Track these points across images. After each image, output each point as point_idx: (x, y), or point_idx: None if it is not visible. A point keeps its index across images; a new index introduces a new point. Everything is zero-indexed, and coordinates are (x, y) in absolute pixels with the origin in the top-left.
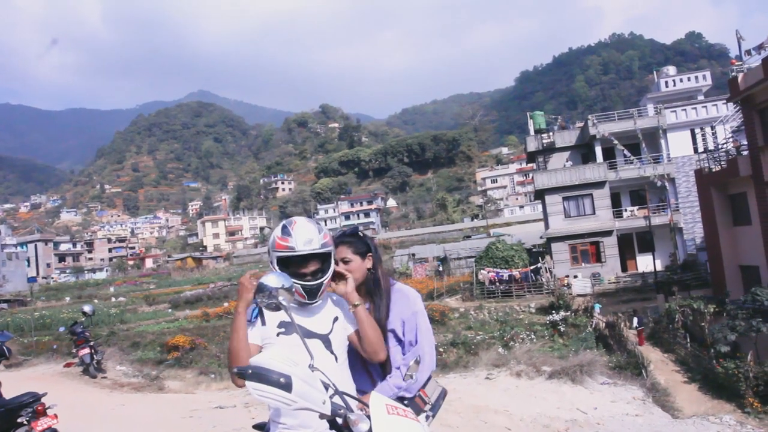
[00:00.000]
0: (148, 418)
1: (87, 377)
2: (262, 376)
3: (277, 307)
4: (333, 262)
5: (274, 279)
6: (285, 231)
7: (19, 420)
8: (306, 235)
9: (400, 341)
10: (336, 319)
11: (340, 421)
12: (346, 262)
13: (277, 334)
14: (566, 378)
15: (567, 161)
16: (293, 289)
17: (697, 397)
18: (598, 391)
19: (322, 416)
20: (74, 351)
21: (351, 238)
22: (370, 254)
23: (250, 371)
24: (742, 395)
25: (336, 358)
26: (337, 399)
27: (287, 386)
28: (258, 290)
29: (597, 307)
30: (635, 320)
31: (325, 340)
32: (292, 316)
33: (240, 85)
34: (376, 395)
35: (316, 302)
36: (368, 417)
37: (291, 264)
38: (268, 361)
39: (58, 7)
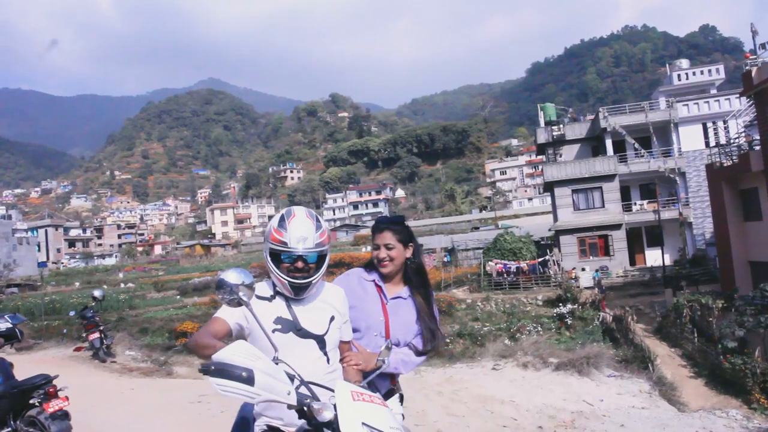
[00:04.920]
0: (157, 402)
1: (96, 361)
2: (224, 371)
3: (239, 303)
4: (327, 260)
5: (234, 275)
6: (281, 224)
7: (31, 401)
8: (301, 232)
9: None
10: (332, 318)
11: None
12: (389, 248)
13: (273, 330)
14: (573, 370)
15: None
16: (254, 286)
17: (704, 392)
18: (605, 384)
19: (289, 407)
20: (84, 335)
21: (397, 226)
22: (412, 243)
23: (212, 367)
24: (749, 391)
25: (328, 360)
26: (303, 389)
27: (249, 380)
28: (218, 286)
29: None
30: (596, 289)
31: (320, 341)
32: (255, 314)
33: (250, 74)
34: (341, 383)
35: (301, 298)
36: (334, 406)
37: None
38: (230, 357)
39: None
